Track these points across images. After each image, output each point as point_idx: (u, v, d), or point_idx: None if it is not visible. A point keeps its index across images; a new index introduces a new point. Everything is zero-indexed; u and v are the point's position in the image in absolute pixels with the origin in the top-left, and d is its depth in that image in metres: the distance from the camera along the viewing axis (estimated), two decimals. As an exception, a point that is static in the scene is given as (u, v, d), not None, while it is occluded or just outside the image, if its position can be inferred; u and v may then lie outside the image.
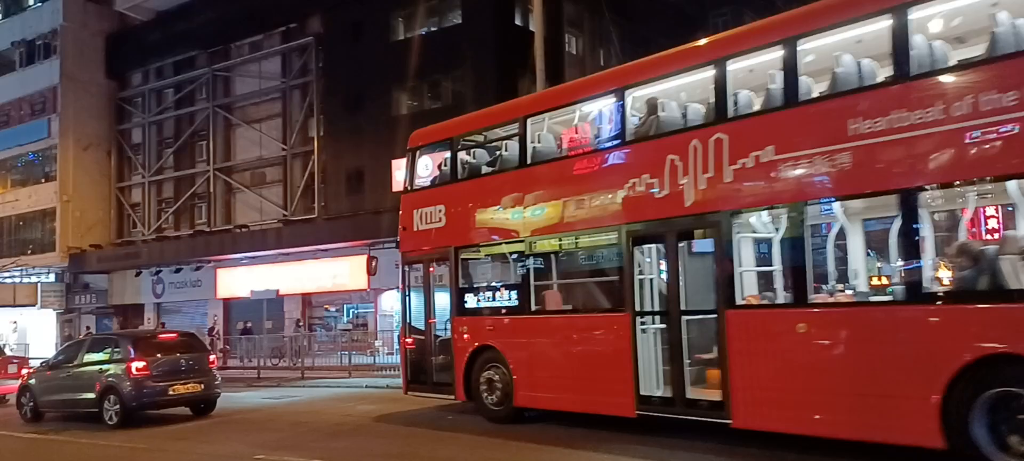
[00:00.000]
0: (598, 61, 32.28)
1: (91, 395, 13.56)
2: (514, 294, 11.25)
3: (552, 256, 11.00)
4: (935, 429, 6.94)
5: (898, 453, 7.34)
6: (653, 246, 9.68)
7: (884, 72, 7.84)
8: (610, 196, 9.92)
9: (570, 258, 10.99)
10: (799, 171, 8.08)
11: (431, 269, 12.53)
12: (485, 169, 12.07)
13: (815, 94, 8.36)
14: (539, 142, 11.13)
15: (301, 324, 29.56)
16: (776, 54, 8.40)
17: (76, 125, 37.22)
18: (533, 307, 10.97)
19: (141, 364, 13.20)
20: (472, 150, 12.37)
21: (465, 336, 11.75)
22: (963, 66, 7.30)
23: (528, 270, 11.05)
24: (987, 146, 6.74)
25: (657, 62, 10.30)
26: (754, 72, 8.95)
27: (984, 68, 6.99)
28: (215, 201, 34.50)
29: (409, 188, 12.97)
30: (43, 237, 38.19)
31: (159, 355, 13.62)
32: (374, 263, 13.84)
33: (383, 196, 25.73)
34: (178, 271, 34.58)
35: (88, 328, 36.04)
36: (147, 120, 37.48)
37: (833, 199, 8.03)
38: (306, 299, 31.33)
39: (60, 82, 37.29)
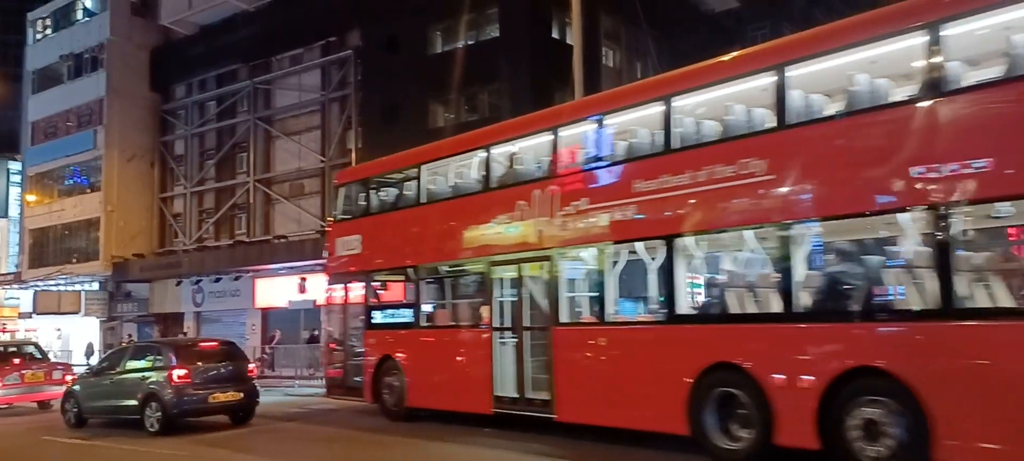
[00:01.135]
0: (635, 73, 32.15)
1: (133, 402, 13.73)
2: (408, 312, 13.54)
3: (437, 281, 13.64)
4: (683, 419, 9.14)
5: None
6: (509, 274, 11.79)
7: (657, 145, 10.06)
8: (479, 232, 12.20)
9: (450, 283, 13.52)
10: (603, 218, 10.39)
11: (349, 289, 14.64)
12: (391, 206, 14.36)
13: (613, 159, 10.62)
14: (433, 185, 13.40)
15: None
16: (591, 126, 10.87)
17: (121, 137, 38.04)
18: (421, 323, 13.27)
19: (182, 372, 13.35)
20: (384, 188, 14.67)
21: (372, 347, 13.92)
22: (700, 145, 9.65)
23: (418, 292, 13.49)
24: (721, 204, 9.07)
25: (515, 125, 13.14)
26: (578, 137, 11.17)
27: (713, 147, 9.42)
28: (255, 212, 34.97)
29: (334, 219, 15.51)
30: (87, 246, 39.01)
31: (200, 363, 13.76)
32: (304, 282, 16.68)
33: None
34: (218, 281, 35.08)
35: (130, 336, 36.68)
36: (189, 132, 38.16)
37: (627, 241, 10.19)
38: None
39: (106, 95, 38.16)
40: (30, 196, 41.94)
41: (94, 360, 31.54)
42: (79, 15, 41.11)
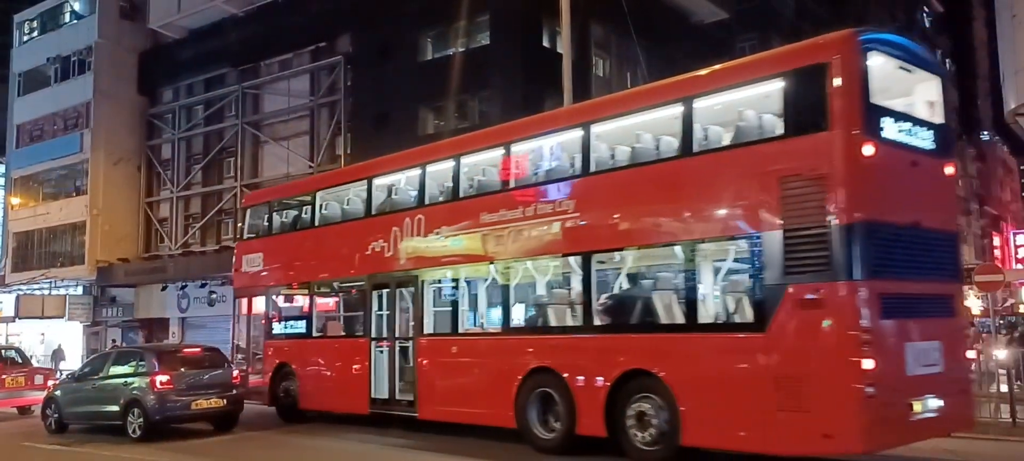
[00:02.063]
0: (625, 82, 32.22)
1: (115, 408, 13.60)
2: (301, 324, 15.09)
3: (327, 296, 15.10)
4: (511, 414, 10.93)
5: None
6: (384, 291, 13.41)
7: (498, 184, 11.87)
8: (362, 253, 13.70)
9: (338, 298, 15.07)
10: (457, 244, 12.18)
11: (253, 302, 16.26)
12: (289, 227, 15.80)
13: (464, 194, 12.38)
14: (326, 209, 14.93)
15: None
16: (449, 164, 12.64)
17: (108, 140, 37.77)
18: (313, 334, 14.79)
19: (165, 378, 13.23)
20: (285, 211, 16.13)
21: (272, 355, 15.24)
22: (529, 185, 11.47)
23: (310, 305, 14.97)
24: (543, 234, 10.95)
25: (393, 159, 14.67)
26: (441, 173, 12.83)
27: (539, 188, 11.28)
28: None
29: (240, 238, 17.04)
30: (72, 250, 38.68)
31: (183, 369, 13.65)
32: (213, 296, 18.41)
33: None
34: (203, 286, 34.83)
35: (114, 341, 36.36)
36: (177, 136, 37.96)
37: (473, 264, 11.96)
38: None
39: (93, 98, 37.90)
40: (14, 199, 41.58)
41: (64, 365, 31.18)
42: (67, 18, 40.86)
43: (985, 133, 71.62)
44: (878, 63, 9.02)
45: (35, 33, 42.36)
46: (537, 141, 11.86)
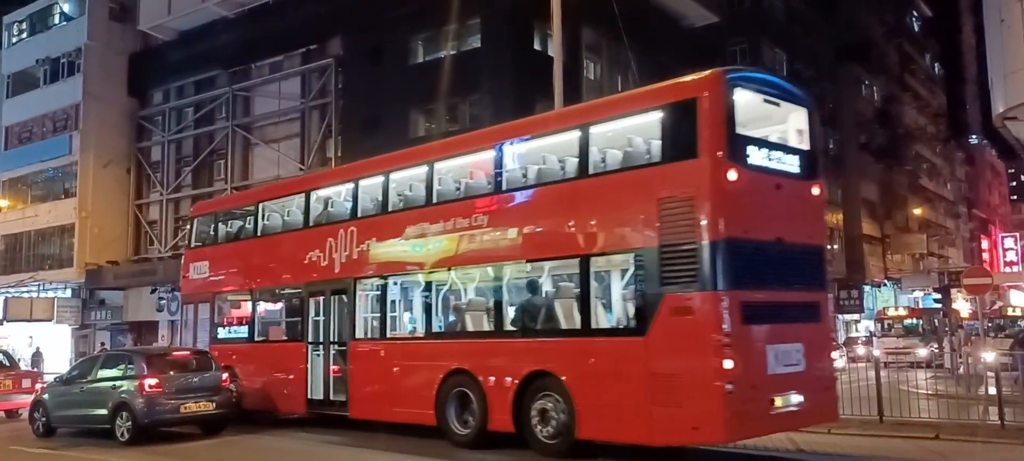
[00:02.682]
0: (616, 86, 32.27)
1: (103, 411, 13.50)
2: (244, 329, 15.77)
3: (269, 302, 15.84)
4: (432, 413, 11.78)
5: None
6: (320, 297, 14.17)
7: (421, 199, 12.73)
8: (300, 261, 14.48)
9: (279, 304, 15.73)
10: (385, 255, 13.06)
11: (199, 308, 16.70)
12: (234, 237, 16.58)
13: (392, 208, 13.18)
14: (267, 220, 15.72)
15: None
16: (380, 179, 13.50)
17: (97, 142, 37.61)
18: (255, 338, 15.45)
19: (154, 381, 13.15)
20: (230, 221, 16.93)
21: (217, 358, 15.10)
22: (448, 201, 12.37)
23: (253, 311, 15.66)
24: (461, 246, 11.87)
25: (330, 174, 16.39)
26: (372, 187, 13.72)
27: (457, 204, 12.18)
28: (232, 220, 34.62)
29: (188, 246, 17.75)
30: (61, 252, 38.48)
31: (172, 373, 13.57)
32: (161, 302, 18.81)
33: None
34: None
35: (103, 344, 36.14)
36: (167, 138, 37.81)
37: (399, 274, 12.88)
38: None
39: (83, 100, 37.74)
40: (3, 201, 41.29)
41: (44, 368, 30.85)
42: (56, 19, 40.67)
43: (974, 137, 72.04)
44: (744, 98, 10.06)
45: (24, 34, 42.14)
46: (456, 160, 12.85)
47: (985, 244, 68.63)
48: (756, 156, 9.95)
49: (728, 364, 9.02)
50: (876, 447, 11.49)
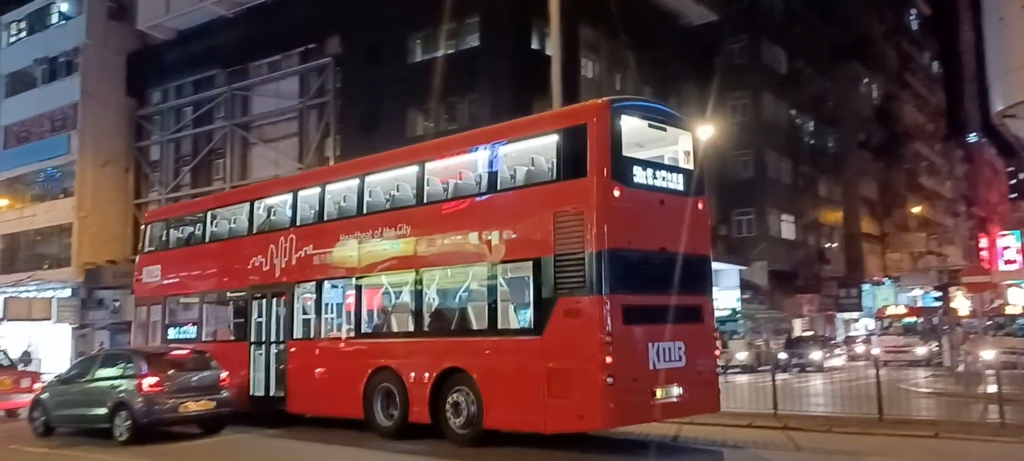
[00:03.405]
0: (614, 85, 32.27)
1: (103, 411, 13.44)
2: (193, 329, 16.53)
3: (214, 305, 16.48)
4: (359, 407, 12.67)
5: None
6: (262, 300, 15.02)
7: (353, 210, 13.78)
8: (244, 266, 15.32)
9: (225, 306, 16.36)
10: (320, 261, 13.97)
11: (152, 310, 17.46)
12: (184, 242, 17.37)
13: (327, 217, 14.12)
14: (215, 227, 16.61)
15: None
16: (316, 190, 14.60)
17: (95, 142, 37.60)
18: (203, 338, 16.03)
19: (153, 380, 13.10)
20: (181, 228, 17.73)
21: None
22: (377, 212, 13.35)
23: (201, 313, 16.47)
24: (387, 254, 12.95)
25: (272, 184, 18.10)
26: (310, 197, 14.64)
27: (384, 214, 13.22)
28: (230, 219, 34.60)
29: (141, 251, 18.56)
30: (59, 252, 38.45)
31: (171, 372, 13.53)
32: (116, 303, 19.39)
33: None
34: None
35: (102, 344, 36.09)
36: (165, 138, 37.80)
37: (332, 278, 13.87)
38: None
39: (81, 99, 37.74)
40: (2, 201, 41.24)
41: (32, 368, 30.68)
42: (54, 18, 40.65)
43: (973, 135, 72.10)
44: (630, 124, 11.17)
45: (22, 34, 42.12)
46: (384, 174, 13.78)
47: (984, 243, 68.66)
48: (641, 175, 11.11)
49: (609, 360, 10.12)
50: (875, 446, 11.48)
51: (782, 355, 23.37)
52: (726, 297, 36.43)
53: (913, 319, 33.94)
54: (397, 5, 29.24)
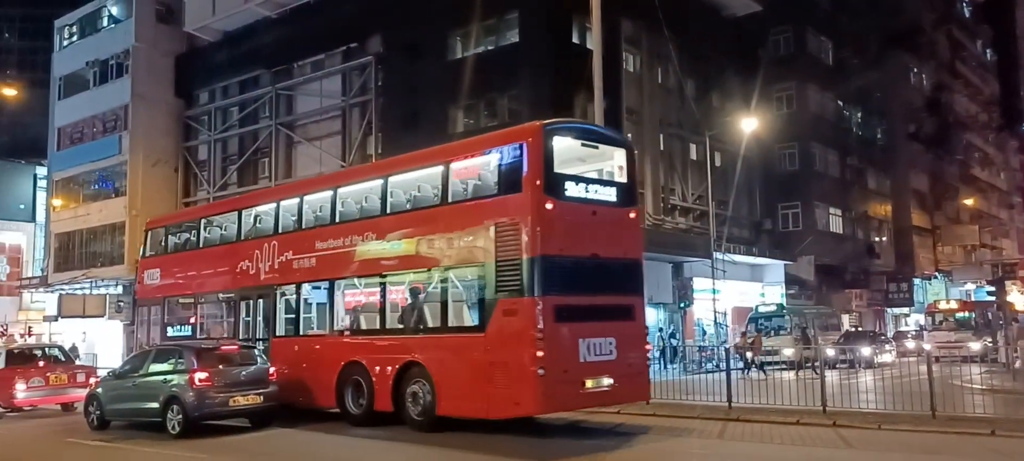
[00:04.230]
0: (656, 78, 31.99)
1: (155, 405, 13.80)
2: (189, 328, 18.07)
3: (207, 306, 18.02)
4: (333, 398, 14.09)
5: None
6: (249, 301, 16.68)
7: (327, 218, 15.22)
8: (233, 270, 16.85)
9: (216, 307, 17.90)
10: (299, 266, 15.36)
11: (152, 310, 19.16)
12: (181, 248, 18.95)
13: (306, 225, 15.63)
14: (208, 234, 18.20)
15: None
16: (296, 201, 16.08)
17: (145, 142, 38.44)
18: (197, 336, 17.53)
19: (204, 375, 13.39)
20: (178, 234, 19.33)
21: None
22: (350, 221, 14.76)
23: (195, 313, 18.04)
24: (357, 259, 14.32)
25: (257, 195, 20.07)
26: (291, 208, 16.06)
27: (356, 223, 14.64)
28: (276, 217, 35.08)
29: (142, 256, 20.08)
30: (112, 250, 39.40)
31: (221, 366, 13.81)
32: (121, 303, 20.90)
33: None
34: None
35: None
36: (212, 137, 38.50)
37: (310, 281, 15.28)
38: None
39: (131, 101, 38.59)
40: (56, 201, 42.48)
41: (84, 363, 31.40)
42: (105, 22, 41.63)
43: (1028, 124, 69.85)
44: (564, 143, 12.49)
45: (74, 38, 43.22)
46: (354, 187, 15.29)
47: (1040, 235, 66.53)
48: (573, 189, 12.32)
49: (540, 354, 11.37)
50: (928, 443, 11.21)
51: (830, 352, 22.89)
52: (772, 292, 35.96)
53: (966, 314, 33.06)
54: (437, 3, 29.34)
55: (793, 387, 15.88)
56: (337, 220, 14.94)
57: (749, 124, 30.88)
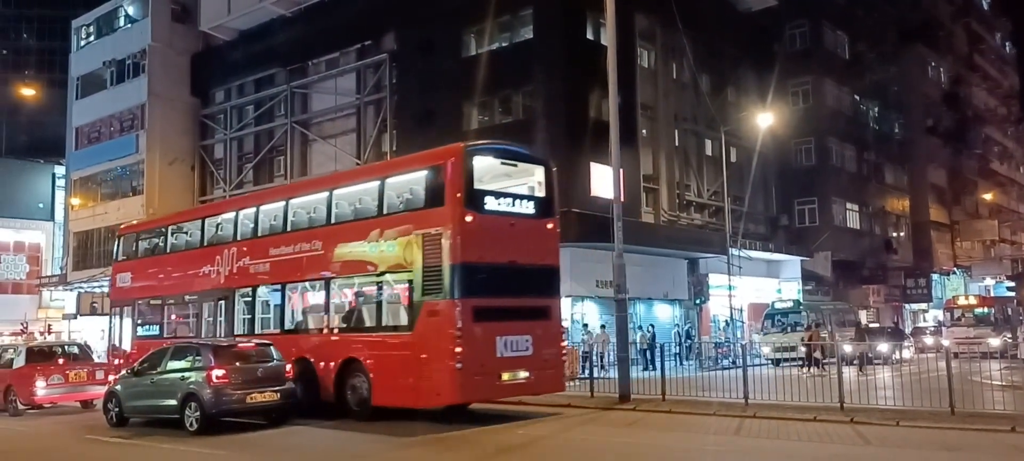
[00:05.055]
0: (670, 73, 31.85)
1: (173, 402, 13.89)
2: (156, 328, 19.57)
3: (174, 306, 19.34)
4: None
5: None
6: (210, 302, 18.03)
7: (280, 227, 16.66)
8: (197, 273, 18.23)
9: (182, 307, 19.15)
10: (257, 270, 16.80)
11: (125, 311, 20.52)
12: (149, 253, 20.46)
13: (261, 234, 17.01)
14: (175, 240, 19.64)
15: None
16: (253, 211, 17.64)
17: (162, 141, 38.71)
18: (164, 335, 18.95)
19: (221, 372, 13.48)
20: (148, 240, 20.79)
21: (136, 353, 18.47)
22: (298, 230, 16.19)
23: (162, 313, 19.51)
24: (305, 265, 15.79)
25: (219, 205, 23.30)
26: (248, 217, 17.58)
27: (304, 232, 16.12)
28: (291, 214, 35.23)
29: (115, 261, 21.52)
30: (130, 248, 39.57)
31: (238, 364, 13.88)
32: (94, 304, 21.99)
33: (454, 210, 25.84)
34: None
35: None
36: (228, 136, 38.70)
37: (264, 285, 16.76)
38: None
39: (148, 100, 38.87)
40: (74, 200, 42.86)
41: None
42: (122, 22, 41.91)
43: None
44: (484, 162, 13.99)
45: (91, 38, 43.55)
46: (303, 199, 16.77)
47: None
48: (492, 203, 13.79)
49: (458, 350, 12.80)
50: (947, 440, 11.11)
51: (847, 348, 22.71)
52: (788, 288, 35.75)
53: (985, 309, 32.73)
54: (451, 0, 29.35)
55: (810, 383, 15.78)
56: (288, 229, 16.40)
57: (765, 119, 30.70)
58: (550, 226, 14.71)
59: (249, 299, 16.98)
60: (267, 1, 35.23)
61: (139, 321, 20.07)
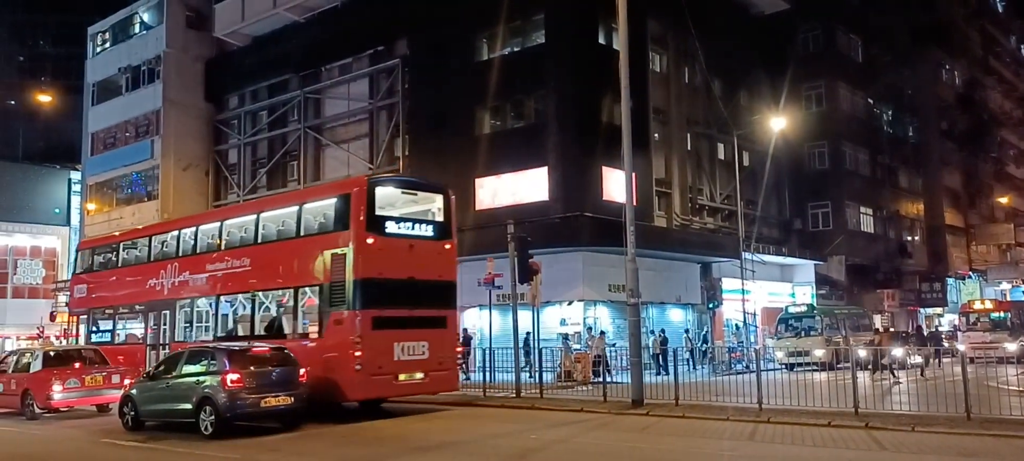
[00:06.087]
0: (683, 77, 31.83)
1: (188, 406, 13.96)
2: (108, 335, 21.66)
3: (124, 315, 21.34)
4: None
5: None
6: (155, 312, 19.75)
7: (216, 245, 18.56)
8: (144, 286, 20.12)
9: (132, 317, 21.05)
10: (195, 283, 18.64)
11: (82, 319, 22.74)
12: (103, 266, 22.39)
13: (200, 251, 18.90)
14: (126, 255, 21.66)
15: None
16: (192, 230, 19.60)
17: (177, 146, 39.00)
18: (116, 342, 21.09)
19: (236, 376, 13.54)
20: (103, 254, 22.83)
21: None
22: (232, 247, 18.11)
23: (114, 321, 21.65)
24: (239, 279, 17.61)
25: (164, 225, 23.98)
26: (188, 236, 19.51)
27: (237, 250, 17.98)
28: (304, 219, 35.36)
29: (75, 273, 23.76)
30: (145, 253, 39.83)
31: (252, 368, 13.95)
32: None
33: (465, 215, 25.84)
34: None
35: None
36: (242, 141, 38.93)
37: (201, 297, 18.58)
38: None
39: (162, 106, 39.18)
40: (90, 205, 43.20)
41: None
42: (137, 28, 42.27)
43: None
44: (385, 192, 16.21)
45: (107, 44, 43.93)
46: (237, 220, 18.76)
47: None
48: (392, 227, 15.88)
49: (358, 353, 14.75)
50: (964, 446, 11.03)
51: (861, 353, 22.55)
52: (802, 292, 35.58)
53: (1002, 314, 32.45)
54: (463, 5, 29.43)
55: (825, 389, 15.70)
56: (222, 247, 18.28)
57: (778, 123, 30.60)
58: (448, 247, 16.75)
59: (188, 309, 18.88)
60: (281, 7, 35.47)
61: (93, 328, 22.29)
